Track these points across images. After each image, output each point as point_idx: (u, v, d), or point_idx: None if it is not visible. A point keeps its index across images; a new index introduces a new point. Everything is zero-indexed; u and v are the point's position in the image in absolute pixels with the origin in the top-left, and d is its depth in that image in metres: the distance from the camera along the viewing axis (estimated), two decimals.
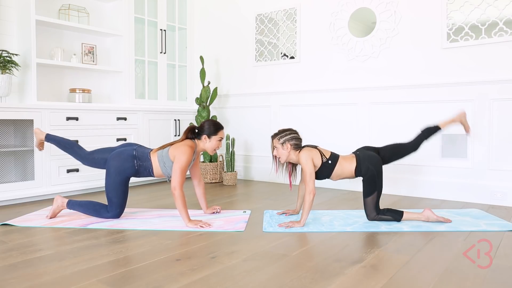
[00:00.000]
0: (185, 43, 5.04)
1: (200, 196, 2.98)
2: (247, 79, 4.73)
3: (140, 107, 4.29)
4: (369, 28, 3.88)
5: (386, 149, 2.76)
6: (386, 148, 2.77)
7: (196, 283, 1.68)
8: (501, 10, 3.22)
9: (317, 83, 4.20)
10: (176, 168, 2.61)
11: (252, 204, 3.32)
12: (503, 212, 3.00)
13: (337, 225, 2.60)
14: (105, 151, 2.82)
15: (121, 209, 2.77)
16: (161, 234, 2.42)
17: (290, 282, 1.69)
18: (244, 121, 4.75)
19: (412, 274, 1.79)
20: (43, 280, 1.72)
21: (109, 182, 2.71)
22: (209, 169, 4.51)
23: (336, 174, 2.69)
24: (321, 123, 4.17)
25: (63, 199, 2.80)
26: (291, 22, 4.36)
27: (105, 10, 4.45)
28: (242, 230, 2.49)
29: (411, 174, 3.64)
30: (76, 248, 2.16)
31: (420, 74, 3.61)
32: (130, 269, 1.84)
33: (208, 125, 2.79)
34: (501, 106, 3.26)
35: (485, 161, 3.32)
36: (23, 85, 3.68)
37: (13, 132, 3.52)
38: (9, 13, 3.73)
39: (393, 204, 3.28)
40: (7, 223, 2.66)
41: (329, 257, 2.01)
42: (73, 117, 3.67)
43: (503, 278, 1.74)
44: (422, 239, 2.29)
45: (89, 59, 4.27)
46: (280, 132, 2.70)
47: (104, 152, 2.81)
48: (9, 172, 3.49)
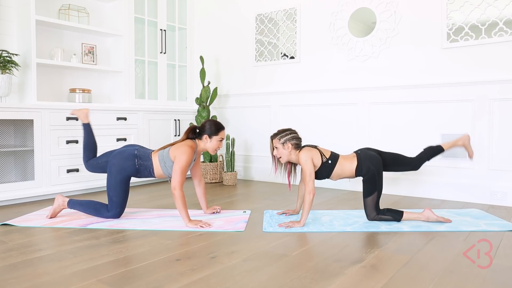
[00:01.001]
0: (185, 43, 5.04)
1: (200, 196, 2.98)
2: (247, 79, 4.73)
3: (140, 107, 4.29)
4: (369, 28, 3.88)
5: (387, 155, 2.75)
6: (388, 154, 2.76)
7: (196, 283, 1.68)
8: (501, 10, 3.22)
9: (317, 83, 4.20)
10: (177, 168, 2.61)
11: (252, 204, 3.32)
12: (503, 212, 3.00)
13: (337, 225, 2.60)
14: (107, 154, 2.83)
15: (122, 208, 2.77)
16: (161, 234, 2.42)
17: (290, 282, 1.69)
18: (244, 121, 4.75)
19: (412, 274, 1.79)
20: (43, 280, 1.72)
21: (110, 180, 2.72)
22: (209, 169, 4.51)
23: (336, 173, 2.69)
24: (321, 123, 4.17)
25: (64, 198, 2.80)
26: (291, 22, 4.36)
27: (105, 10, 4.45)
28: (242, 230, 2.49)
29: (411, 174, 3.64)
30: (76, 248, 2.16)
31: (420, 74, 3.61)
32: (130, 269, 1.84)
33: (209, 125, 2.79)
34: (501, 106, 3.26)
35: (485, 161, 3.32)
36: (23, 85, 3.68)
37: (13, 132, 3.52)
38: (9, 13, 3.73)
39: (393, 204, 3.28)
40: (7, 223, 2.66)
41: (329, 257, 2.01)
42: (73, 117, 3.66)
43: (503, 278, 1.74)
44: (422, 239, 2.29)
45: (89, 59, 4.27)
46: (280, 132, 2.69)
47: (106, 155, 2.82)
48: (9, 172, 3.49)
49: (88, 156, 2.88)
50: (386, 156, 2.73)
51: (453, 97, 3.45)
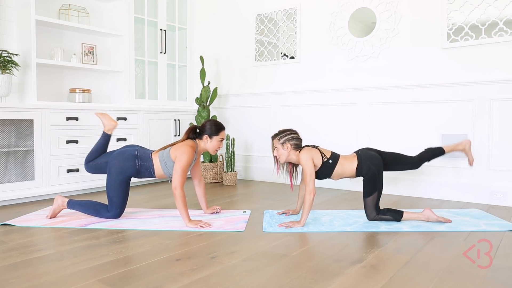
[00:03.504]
0: (185, 43, 5.04)
1: (200, 196, 2.98)
2: (247, 79, 4.73)
3: (140, 107, 4.29)
4: (369, 28, 3.88)
5: (388, 154, 2.75)
6: (388, 153, 2.76)
7: (196, 283, 1.68)
8: (501, 10, 3.22)
9: (317, 83, 4.20)
10: (177, 168, 2.61)
11: (252, 204, 3.32)
12: (503, 212, 3.00)
13: (337, 225, 2.60)
14: (106, 155, 2.83)
15: (121, 209, 2.77)
16: (161, 234, 2.42)
17: (290, 282, 1.69)
18: (244, 121, 4.75)
19: (412, 274, 1.79)
20: (43, 280, 1.72)
21: (110, 181, 2.72)
22: (209, 169, 4.51)
23: (336, 173, 2.69)
24: (321, 123, 4.17)
25: (63, 198, 2.80)
26: (291, 22, 4.36)
27: (105, 10, 4.45)
28: (242, 230, 2.49)
29: (411, 174, 3.64)
30: (76, 248, 2.16)
31: (420, 74, 3.61)
32: (130, 269, 1.84)
33: (210, 125, 2.79)
34: (501, 106, 3.26)
35: (485, 161, 3.32)
36: (23, 85, 3.68)
37: (13, 132, 3.52)
38: (9, 13, 3.73)
39: (393, 204, 3.28)
40: (7, 223, 2.66)
41: (329, 257, 2.01)
42: (73, 117, 3.67)
43: (503, 278, 1.74)
44: (422, 239, 2.29)
45: (89, 59, 4.27)
46: (280, 133, 2.70)
47: (106, 156, 2.82)
48: (9, 172, 3.49)
49: (90, 158, 2.88)
50: (387, 155, 2.73)
51: (453, 97, 3.44)
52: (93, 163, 2.84)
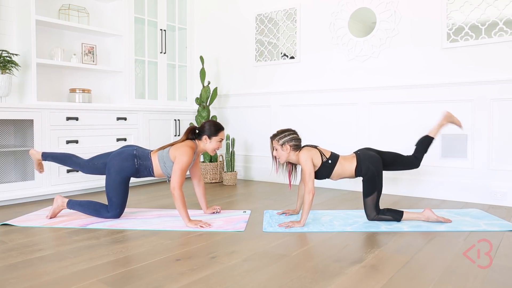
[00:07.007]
0: (185, 43, 5.04)
1: (200, 196, 2.98)
2: (247, 79, 4.73)
3: (140, 107, 4.29)
4: (369, 28, 3.88)
5: (387, 154, 2.75)
6: (388, 153, 2.76)
7: (196, 283, 1.68)
8: (501, 10, 3.22)
9: (317, 83, 4.20)
10: (176, 169, 2.61)
11: (252, 204, 3.32)
12: (503, 212, 3.00)
13: (337, 225, 2.60)
14: (104, 156, 2.81)
15: (121, 209, 2.77)
16: (161, 234, 2.42)
17: (290, 282, 1.69)
18: (244, 121, 4.75)
19: (412, 274, 1.79)
20: (43, 280, 1.72)
21: (109, 181, 2.71)
22: (209, 169, 4.51)
23: (336, 173, 2.69)
24: (321, 123, 4.17)
25: (63, 198, 2.80)
26: (291, 22, 4.36)
27: (105, 10, 4.45)
28: (242, 230, 2.49)
29: (411, 174, 3.64)
30: (76, 248, 2.16)
31: (420, 74, 3.61)
32: (130, 269, 1.84)
33: (209, 125, 2.79)
34: (501, 106, 3.26)
35: (485, 161, 3.32)
36: (23, 85, 3.68)
37: (13, 132, 3.52)
38: (9, 13, 3.73)
39: (393, 204, 3.28)
40: (7, 223, 2.66)
41: (329, 257, 2.01)
42: (73, 117, 3.67)
43: (503, 278, 1.74)
44: (422, 239, 2.29)
45: (89, 59, 4.27)
46: (279, 133, 2.69)
47: (104, 157, 2.80)
48: (9, 172, 3.49)
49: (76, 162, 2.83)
50: (386, 155, 2.73)
51: (453, 97, 3.44)
52: (89, 164, 2.79)
